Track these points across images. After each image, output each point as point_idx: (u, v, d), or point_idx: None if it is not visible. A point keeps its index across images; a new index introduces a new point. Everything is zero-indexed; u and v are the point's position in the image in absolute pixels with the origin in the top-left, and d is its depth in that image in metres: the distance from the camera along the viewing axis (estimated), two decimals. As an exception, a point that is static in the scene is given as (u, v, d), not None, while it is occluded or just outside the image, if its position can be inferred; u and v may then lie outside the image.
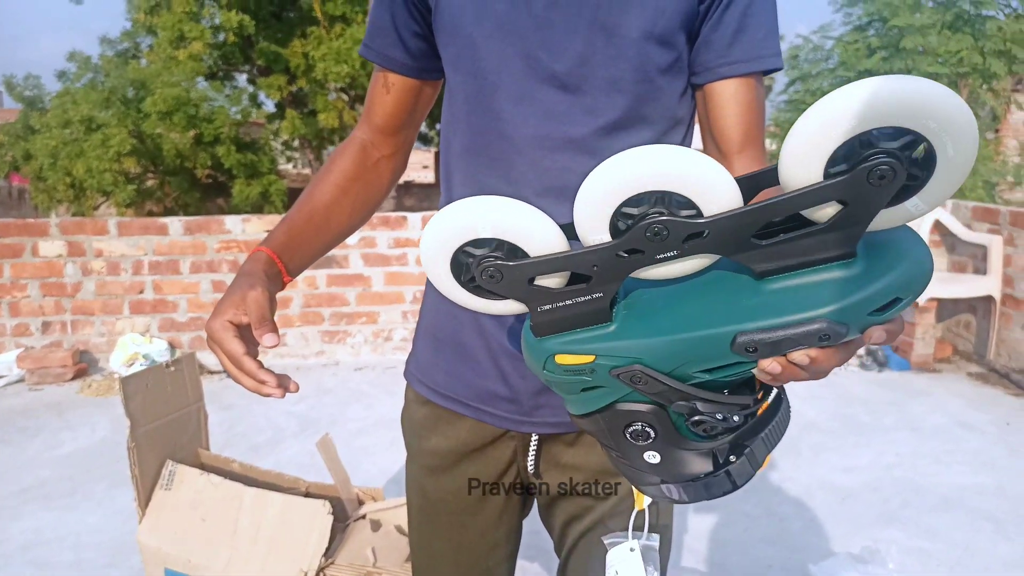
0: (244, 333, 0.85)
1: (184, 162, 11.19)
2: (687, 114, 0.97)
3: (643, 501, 0.90)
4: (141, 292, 4.47)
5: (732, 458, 0.68)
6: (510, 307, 0.70)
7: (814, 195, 0.55)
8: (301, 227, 1.01)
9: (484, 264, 0.64)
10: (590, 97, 0.89)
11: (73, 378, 4.35)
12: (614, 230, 0.61)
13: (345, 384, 4.29)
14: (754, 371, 0.61)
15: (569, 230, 0.66)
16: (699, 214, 0.59)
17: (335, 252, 4.56)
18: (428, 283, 1.10)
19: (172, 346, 4.47)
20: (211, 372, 4.50)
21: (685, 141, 1.00)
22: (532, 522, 1.14)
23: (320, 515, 1.78)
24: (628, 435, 0.68)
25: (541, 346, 0.67)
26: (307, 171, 13.55)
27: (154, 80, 10.42)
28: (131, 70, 11.14)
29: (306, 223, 1.01)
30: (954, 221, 4.59)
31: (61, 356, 4.32)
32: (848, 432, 3.50)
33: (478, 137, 0.95)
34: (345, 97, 11.10)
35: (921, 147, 0.53)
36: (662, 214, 0.59)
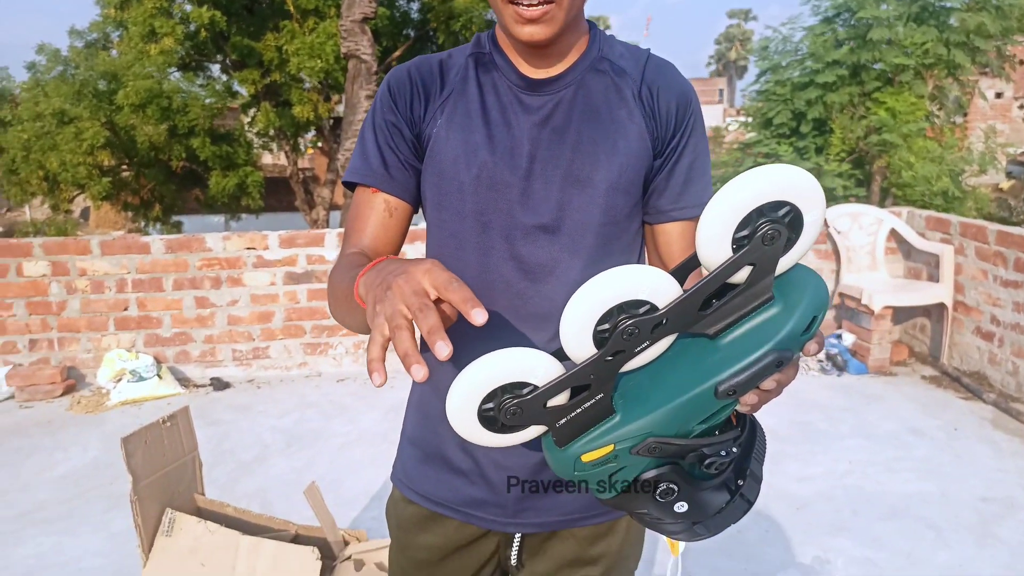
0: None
1: (159, 154, 11.16)
2: (639, 247, 1.16)
3: (678, 548, 1.06)
4: (125, 309, 4.58)
5: (740, 482, 0.86)
6: (530, 433, 0.84)
7: (733, 266, 0.74)
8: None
9: (505, 406, 0.79)
10: (567, 237, 1.07)
11: (62, 394, 4.45)
12: (598, 342, 0.78)
13: (328, 397, 4.44)
14: (736, 407, 0.80)
15: (557, 354, 0.81)
16: (654, 308, 0.77)
17: (315, 267, 4.69)
18: (411, 392, 1.25)
19: (158, 361, 4.58)
20: (197, 385, 4.63)
21: None
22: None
23: (309, 561, 1.94)
24: (658, 496, 0.84)
25: (567, 454, 0.82)
26: (283, 162, 13.53)
27: (125, 72, 10.36)
28: (101, 61, 11.06)
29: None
30: (909, 230, 4.79)
31: (50, 373, 4.43)
32: (805, 440, 3.70)
33: (466, 269, 1.09)
34: (319, 87, 11.09)
35: (790, 210, 0.73)
36: (629, 318, 0.76)
